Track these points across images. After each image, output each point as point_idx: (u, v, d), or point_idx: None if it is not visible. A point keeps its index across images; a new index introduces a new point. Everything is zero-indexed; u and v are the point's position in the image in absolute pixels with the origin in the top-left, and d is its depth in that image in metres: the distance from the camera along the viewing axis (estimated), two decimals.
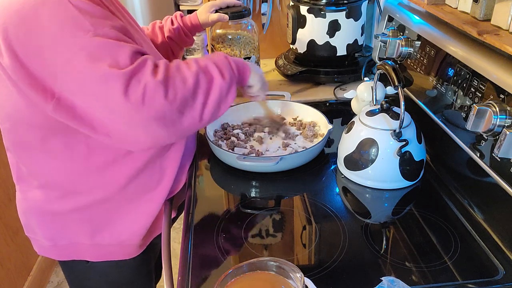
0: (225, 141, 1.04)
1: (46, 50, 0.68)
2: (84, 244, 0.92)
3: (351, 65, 1.35)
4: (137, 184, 0.88)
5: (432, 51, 0.95)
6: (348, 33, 1.28)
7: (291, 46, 1.38)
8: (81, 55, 0.67)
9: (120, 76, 0.67)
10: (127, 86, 0.67)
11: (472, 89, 0.80)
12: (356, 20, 1.27)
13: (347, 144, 0.91)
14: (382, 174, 0.87)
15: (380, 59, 1.20)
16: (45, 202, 0.88)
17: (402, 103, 0.81)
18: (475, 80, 0.79)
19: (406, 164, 0.86)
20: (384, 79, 0.95)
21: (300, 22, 1.30)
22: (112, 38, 0.69)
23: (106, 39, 0.69)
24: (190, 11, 2.56)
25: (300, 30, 1.31)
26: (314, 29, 1.28)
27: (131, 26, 0.92)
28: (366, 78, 1.11)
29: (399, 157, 0.85)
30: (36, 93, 0.72)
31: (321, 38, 1.28)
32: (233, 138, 1.05)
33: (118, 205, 0.89)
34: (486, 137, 0.75)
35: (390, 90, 1.04)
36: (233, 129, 1.09)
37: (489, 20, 0.78)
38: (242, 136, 1.06)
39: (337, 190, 0.91)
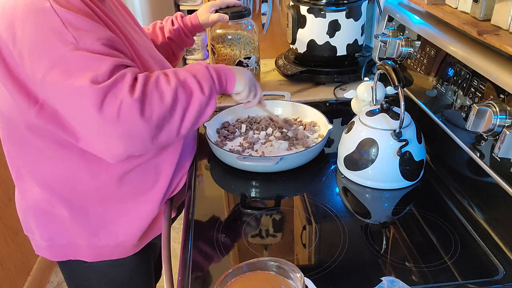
0: (225, 140, 1.04)
1: (27, 58, 0.68)
2: (81, 245, 0.92)
3: (351, 65, 1.35)
4: (131, 185, 0.88)
5: (432, 51, 0.95)
6: (348, 33, 1.28)
7: (291, 46, 1.38)
8: (58, 67, 0.67)
9: (96, 91, 0.66)
10: (103, 102, 0.67)
11: (472, 89, 0.80)
12: (356, 20, 1.27)
13: (347, 144, 0.91)
14: (382, 174, 0.87)
15: (380, 59, 1.20)
16: (42, 202, 0.88)
17: (402, 103, 0.81)
18: (475, 80, 0.79)
19: (406, 164, 0.86)
20: (384, 79, 0.95)
21: (300, 22, 1.30)
22: (94, 51, 0.69)
23: (87, 53, 0.68)
24: (190, 11, 2.56)
25: (300, 30, 1.31)
26: (314, 29, 1.28)
27: (132, 28, 0.92)
28: (366, 78, 1.11)
29: (399, 157, 0.85)
30: (21, 97, 0.73)
31: (321, 38, 1.28)
32: (230, 137, 1.05)
33: (113, 206, 0.89)
34: (486, 137, 0.75)
35: (390, 90, 1.04)
36: (234, 128, 1.09)
37: (489, 20, 0.78)
38: (245, 134, 1.06)
39: (337, 190, 0.91)
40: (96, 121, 0.68)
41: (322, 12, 1.24)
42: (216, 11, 1.17)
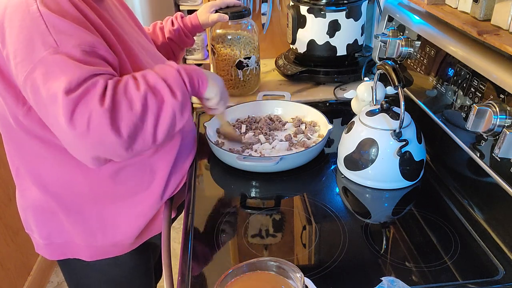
0: (226, 140, 1.04)
1: (12, 60, 0.69)
2: (79, 244, 0.92)
3: (351, 65, 1.35)
4: (125, 185, 0.88)
5: (432, 51, 0.95)
6: (348, 33, 1.28)
7: (291, 46, 1.38)
8: (38, 70, 0.67)
9: (68, 102, 0.65)
10: (73, 113, 0.66)
11: (472, 89, 0.80)
12: (356, 20, 1.27)
13: (347, 144, 0.91)
14: (382, 174, 0.87)
15: (380, 59, 1.20)
16: (40, 201, 0.88)
17: (402, 103, 0.81)
18: (475, 80, 0.79)
19: (406, 164, 0.86)
20: (384, 79, 0.95)
21: (300, 22, 1.30)
22: (73, 57, 0.68)
23: (66, 58, 0.67)
24: (190, 11, 2.56)
25: (300, 30, 1.31)
26: (314, 29, 1.28)
27: (131, 28, 0.92)
28: (366, 78, 1.11)
29: (399, 157, 0.85)
30: (10, 97, 0.73)
31: (321, 38, 1.28)
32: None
33: (109, 206, 0.89)
34: (486, 137, 0.75)
35: (390, 90, 1.04)
36: (234, 128, 1.09)
37: (489, 20, 0.78)
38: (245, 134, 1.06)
39: (337, 190, 0.91)
40: (66, 131, 0.67)
41: (322, 12, 1.24)
42: (216, 11, 1.17)
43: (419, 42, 1.01)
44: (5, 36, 0.69)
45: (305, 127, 1.08)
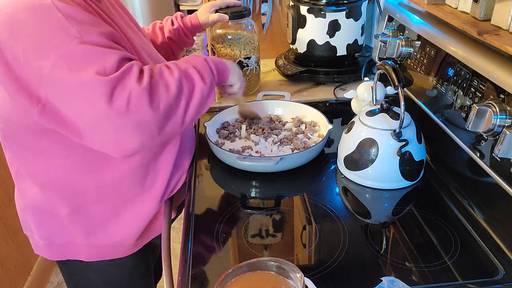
0: (226, 140, 1.04)
1: (31, 56, 0.68)
2: (79, 245, 0.92)
3: (351, 65, 1.35)
4: (130, 185, 0.88)
5: (432, 51, 0.95)
6: (348, 33, 1.28)
7: (291, 46, 1.38)
8: (65, 62, 0.67)
9: (105, 83, 0.67)
10: (112, 93, 0.67)
11: (472, 89, 0.80)
12: (356, 20, 1.27)
13: (347, 144, 0.91)
14: (382, 174, 0.87)
15: (380, 59, 1.20)
16: (41, 201, 0.88)
17: (402, 103, 0.81)
18: (475, 80, 0.79)
19: (406, 164, 0.86)
20: (384, 79, 0.95)
21: (300, 22, 1.30)
22: (100, 45, 0.69)
23: (93, 46, 0.68)
24: (190, 11, 2.56)
25: (300, 30, 1.31)
26: (314, 29, 1.28)
27: (129, 27, 0.92)
28: (366, 78, 1.11)
29: (399, 157, 0.85)
30: (23, 97, 0.73)
31: (321, 38, 1.28)
32: (233, 137, 1.05)
33: (112, 206, 0.89)
34: (486, 137, 0.75)
35: (390, 90, 1.04)
36: (234, 128, 1.09)
37: (489, 20, 0.78)
38: (244, 134, 1.06)
39: (337, 190, 0.91)
40: (105, 113, 0.68)
41: (322, 12, 1.24)
42: (216, 11, 1.17)
43: (419, 42, 1.01)
44: (19, 33, 0.68)
45: (305, 127, 1.08)
